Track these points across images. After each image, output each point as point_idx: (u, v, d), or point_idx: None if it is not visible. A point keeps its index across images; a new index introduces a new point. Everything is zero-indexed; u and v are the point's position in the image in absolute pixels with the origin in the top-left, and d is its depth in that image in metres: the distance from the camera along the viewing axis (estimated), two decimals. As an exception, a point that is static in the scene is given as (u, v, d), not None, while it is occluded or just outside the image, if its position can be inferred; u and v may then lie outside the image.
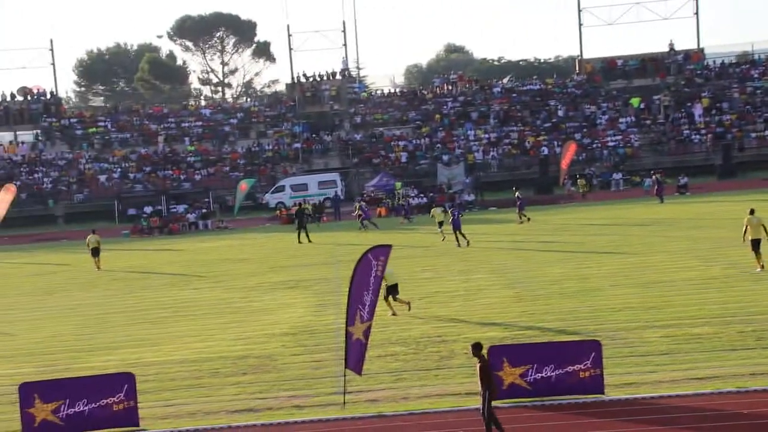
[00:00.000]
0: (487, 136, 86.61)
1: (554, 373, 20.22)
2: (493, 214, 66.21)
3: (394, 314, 30.63)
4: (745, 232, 33.84)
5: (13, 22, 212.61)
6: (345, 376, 21.29)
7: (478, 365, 18.17)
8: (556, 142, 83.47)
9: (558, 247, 44.13)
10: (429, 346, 25.84)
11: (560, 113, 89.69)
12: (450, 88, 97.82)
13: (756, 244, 33.44)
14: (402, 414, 20.10)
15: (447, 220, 49.32)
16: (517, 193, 60.01)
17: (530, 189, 76.46)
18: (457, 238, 47.25)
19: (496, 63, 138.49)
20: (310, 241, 53.82)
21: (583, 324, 27.00)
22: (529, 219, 56.12)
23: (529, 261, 40.45)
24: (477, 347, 18.31)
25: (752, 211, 34.19)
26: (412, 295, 33.68)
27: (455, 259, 42.75)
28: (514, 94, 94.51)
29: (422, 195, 73.86)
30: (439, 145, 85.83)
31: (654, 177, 66.40)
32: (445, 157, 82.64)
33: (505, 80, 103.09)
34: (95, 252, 48.79)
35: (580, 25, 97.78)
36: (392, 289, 31.06)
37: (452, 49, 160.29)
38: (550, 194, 75.06)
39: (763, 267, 33.23)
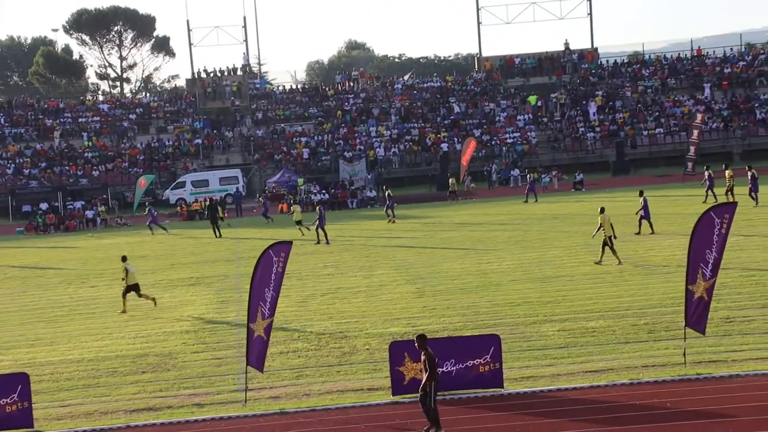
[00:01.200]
0: (388, 132, 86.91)
1: (455, 368, 20.37)
2: (395, 210, 66.29)
3: (124, 311, 32.10)
4: (598, 229, 35.26)
5: None
6: (246, 373, 21.19)
7: (423, 357, 18.19)
8: (456, 139, 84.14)
9: (458, 243, 44.47)
10: (331, 342, 25.83)
11: (460, 110, 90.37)
12: (351, 84, 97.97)
13: (610, 240, 34.75)
14: (304, 410, 20.07)
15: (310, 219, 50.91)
16: (387, 192, 60.07)
17: (430, 186, 77.06)
18: (320, 235, 47.98)
19: (397, 60, 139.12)
20: (220, 235, 53.57)
21: (483, 319, 27.26)
22: (394, 221, 56.16)
23: (430, 257, 40.69)
24: (422, 338, 18.34)
25: (602, 210, 35.68)
26: (314, 291, 33.74)
27: (357, 255, 42.80)
28: (415, 91, 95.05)
29: (325, 191, 73.80)
30: (341, 141, 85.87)
31: (529, 175, 67.92)
32: (347, 154, 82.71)
33: (405, 77, 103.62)
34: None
35: (479, 23, 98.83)
36: (134, 288, 32.64)
37: (353, 46, 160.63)
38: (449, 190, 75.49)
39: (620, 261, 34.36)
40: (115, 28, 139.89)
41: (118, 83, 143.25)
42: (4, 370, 24.03)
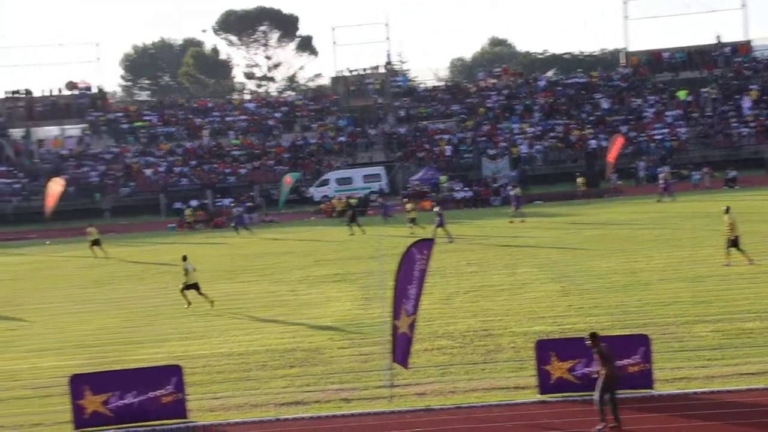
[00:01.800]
0: (532, 129, 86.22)
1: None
2: (538, 207, 65.87)
3: (189, 304, 33.39)
4: (730, 229, 34.36)
5: (61, 18, 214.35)
6: (392, 369, 21.27)
7: (595, 354, 18.24)
8: (601, 136, 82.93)
9: (604, 242, 43.84)
10: (475, 339, 25.75)
11: (605, 106, 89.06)
12: (494, 81, 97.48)
13: (736, 241, 34.09)
14: (449, 408, 20.04)
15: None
16: (515, 191, 59.21)
17: (575, 183, 76.12)
18: (445, 233, 48.00)
19: (540, 56, 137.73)
20: (363, 232, 54.41)
21: (631, 318, 26.79)
22: (523, 220, 55.51)
23: (575, 255, 40.22)
24: (594, 336, 18.43)
25: (728, 209, 34.88)
26: (457, 289, 33.68)
27: (500, 253, 42.59)
28: (559, 88, 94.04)
29: (467, 188, 73.67)
30: (483, 138, 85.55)
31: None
32: (490, 151, 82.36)
33: (549, 73, 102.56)
34: (96, 242, 52.32)
35: (626, 17, 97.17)
36: (194, 286, 33.58)
37: (496, 43, 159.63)
38: (596, 188, 74.44)
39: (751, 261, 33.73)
40: (261, 29, 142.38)
41: (264, 82, 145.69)
42: (159, 363, 24.65)
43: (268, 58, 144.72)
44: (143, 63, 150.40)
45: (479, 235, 50.27)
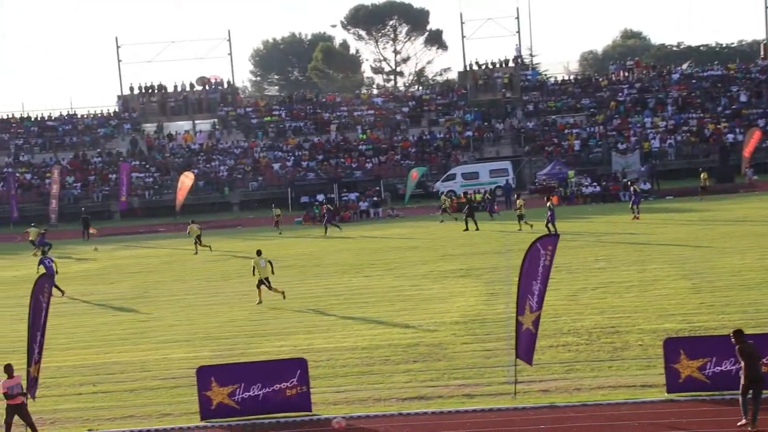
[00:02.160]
0: (664, 123, 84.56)
1: (734, 367, 19.50)
2: (669, 203, 64.68)
3: (260, 302, 34.18)
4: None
5: (192, 14, 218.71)
6: (516, 365, 21.05)
7: (738, 351, 17.95)
8: (737, 130, 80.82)
9: (739, 238, 42.73)
10: (602, 336, 25.34)
11: (743, 99, 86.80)
12: (626, 74, 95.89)
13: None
14: (574, 405, 19.76)
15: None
16: (633, 187, 57.85)
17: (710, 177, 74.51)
18: (549, 230, 47.15)
19: (675, 48, 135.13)
20: (477, 228, 53.95)
21: (765, 317, 25.99)
22: (637, 217, 53.98)
23: (707, 252, 39.30)
24: (738, 333, 18.14)
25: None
26: (584, 285, 33.23)
27: (630, 249, 41.88)
28: (694, 80, 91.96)
29: (596, 184, 72.66)
30: (614, 132, 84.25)
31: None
32: (621, 146, 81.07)
33: (684, 66, 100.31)
34: (198, 239, 53.59)
35: (766, 7, 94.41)
36: (265, 280, 34.42)
37: (629, 35, 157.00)
38: (731, 183, 72.72)
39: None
40: (390, 23, 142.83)
41: (391, 77, 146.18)
42: (285, 356, 24.88)
43: (397, 52, 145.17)
44: (273, 58, 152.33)
45: (608, 231, 49.53)
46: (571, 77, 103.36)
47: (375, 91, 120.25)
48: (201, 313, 33.49)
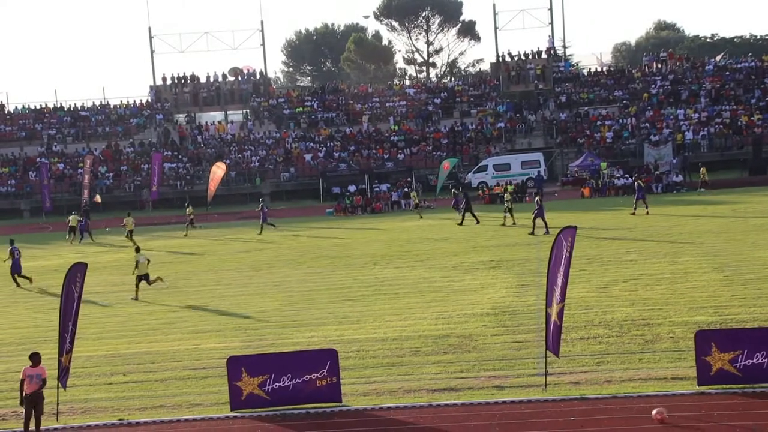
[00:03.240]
0: (697, 115, 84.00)
1: (766, 360, 19.38)
2: (701, 195, 64.27)
3: (135, 298, 35.40)
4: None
5: (225, 5, 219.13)
6: (546, 357, 20.99)
7: None
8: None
9: (771, 230, 42.45)
10: (633, 329, 25.22)
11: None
12: (659, 66, 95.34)
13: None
14: (605, 397, 19.67)
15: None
16: (638, 183, 56.75)
17: (743, 170, 74.03)
18: (535, 225, 47.71)
19: (709, 40, 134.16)
20: (477, 222, 54.52)
21: (798, 310, 25.83)
22: (641, 212, 53.48)
23: (740, 244, 39.02)
24: None
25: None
26: (615, 277, 33.06)
27: (661, 241, 41.66)
28: (728, 72, 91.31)
29: (628, 175, 72.32)
30: (646, 124, 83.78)
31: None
32: (653, 137, 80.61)
33: (718, 58, 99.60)
34: (131, 234, 55.76)
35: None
36: (144, 277, 35.99)
37: (663, 27, 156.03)
38: (764, 175, 72.19)
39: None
40: (423, 14, 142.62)
41: (424, 68, 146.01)
42: (315, 346, 24.93)
43: (430, 43, 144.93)
44: (305, 49, 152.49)
45: (639, 223, 49.27)
46: (604, 69, 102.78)
47: (407, 82, 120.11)
48: (232, 303, 33.58)
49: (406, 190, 74.17)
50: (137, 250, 37.88)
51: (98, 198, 75.13)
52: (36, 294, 38.95)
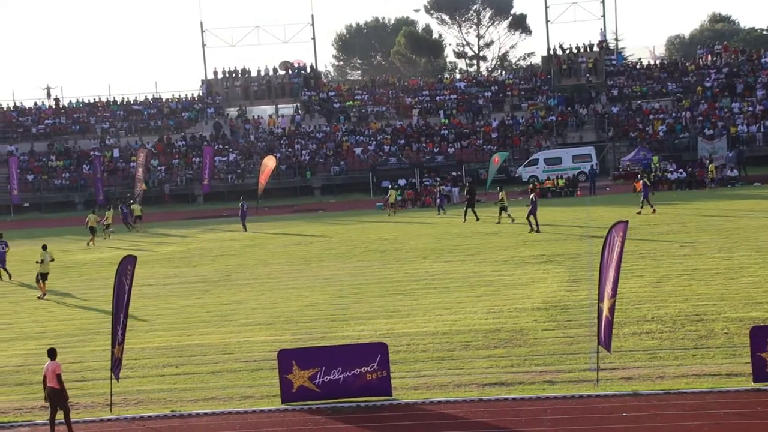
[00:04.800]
0: (752, 108, 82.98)
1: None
2: (757, 189, 63.51)
3: (43, 296, 35.80)
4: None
5: None
6: (598, 352, 20.84)
7: None
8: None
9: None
10: (686, 324, 24.97)
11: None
12: (714, 59, 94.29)
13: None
14: (658, 393, 19.49)
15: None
16: (643, 180, 55.12)
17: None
18: (530, 223, 47.56)
19: (764, 32, 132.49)
20: (477, 219, 54.62)
21: None
22: (644, 211, 52.11)
23: (796, 239, 38.54)
24: None
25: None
26: (668, 272, 32.74)
27: (715, 236, 41.21)
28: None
29: (681, 170, 71.60)
30: (700, 118, 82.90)
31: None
32: (707, 131, 79.75)
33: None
34: (93, 230, 55.42)
35: None
36: (42, 276, 36.09)
37: (717, 19, 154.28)
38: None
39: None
40: (474, 7, 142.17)
41: (474, 61, 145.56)
42: (365, 340, 24.94)
43: (480, 36, 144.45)
44: (356, 42, 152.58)
45: (693, 218, 48.79)
46: (657, 62, 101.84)
47: (457, 76, 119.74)
48: (282, 296, 33.70)
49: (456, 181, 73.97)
50: (44, 248, 38.14)
51: (143, 186, 75.94)
52: (91, 286, 39.30)
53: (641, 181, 54.74)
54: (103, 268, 43.39)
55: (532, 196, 49.09)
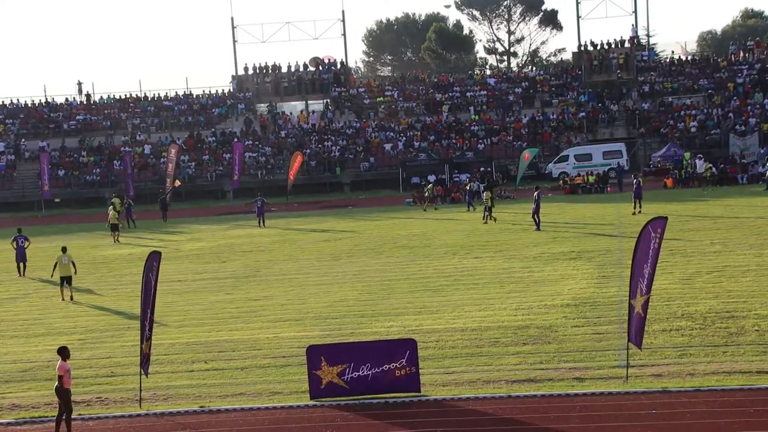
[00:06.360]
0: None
1: None
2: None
3: (63, 299, 35.12)
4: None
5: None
6: (628, 349, 20.76)
7: None
8: None
9: None
10: (717, 321, 24.83)
11: None
12: (746, 55, 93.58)
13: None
14: (688, 390, 19.40)
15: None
16: (536, 193, 50.70)
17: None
18: (535, 221, 47.78)
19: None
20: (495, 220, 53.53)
21: None
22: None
23: (828, 236, 38.22)
24: None
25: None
26: (699, 269, 32.56)
27: (747, 233, 40.96)
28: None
29: (713, 166, 71.12)
30: (732, 114, 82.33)
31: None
32: (739, 127, 79.21)
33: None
34: (115, 227, 55.15)
35: None
36: (66, 279, 35.37)
37: (750, 15, 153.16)
38: None
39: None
40: (505, 3, 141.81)
41: (505, 57, 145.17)
42: (394, 336, 24.95)
43: (511, 32, 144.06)
44: (386, 38, 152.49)
45: (725, 214, 48.52)
46: (689, 58, 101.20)
47: (488, 72, 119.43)
48: (311, 292, 33.74)
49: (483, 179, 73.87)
50: (63, 249, 37.00)
51: (177, 182, 76.17)
52: (120, 282, 39.49)
53: (635, 180, 53.77)
54: (133, 264, 43.57)
55: (535, 194, 48.95)
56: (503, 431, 18.20)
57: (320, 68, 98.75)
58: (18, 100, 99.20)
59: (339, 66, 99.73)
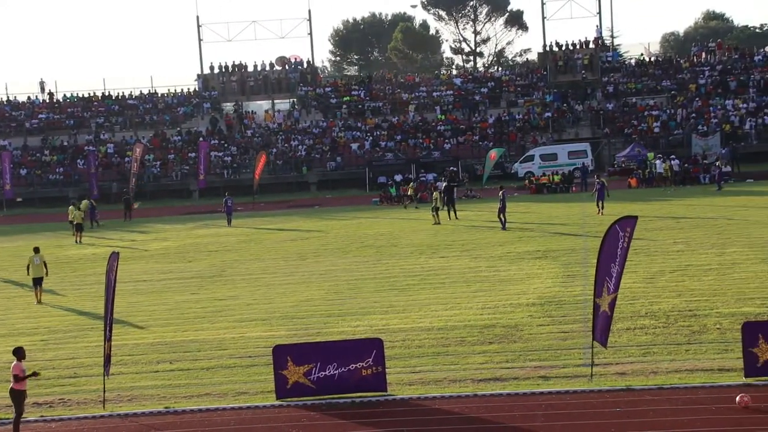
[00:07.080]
0: (745, 105, 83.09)
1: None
2: (750, 186, 63.62)
3: (39, 302, 34.29)
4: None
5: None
6: (593, 348, 20.91)
7: None
8: (821, 112, 79.11)
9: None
10: (680, 320, 25.06)
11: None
12: (708, 56, 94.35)
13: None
14: (651, 388, 19.57)
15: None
16: (501, 192, 51.61)
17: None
18: (500, 221, 48.15)
19: (758, 30, 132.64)
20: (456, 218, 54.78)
21: None
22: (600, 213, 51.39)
23: (789, 235, 38.61)
24: None
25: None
26: (662, 268, 32.83)
27: (709, 232, 41.33)
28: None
29: (672, 165, 71.60)
30: (694, 115, 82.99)
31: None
32: (701, 128, 79.84)
33: (767, 48, 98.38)
34: (80, 227, 54.93)
35: None
36: (38, 280, 34.66)
37: (711, 17, 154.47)
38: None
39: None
40: (471, 3, 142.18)
41: (471, 57, 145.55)
42: (360, 335, 24.99)
43: (477, 33, 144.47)
44: (353, 38, 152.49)
45: (687, 214, 48.92)
46: (652, 59, 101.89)
47: (454, 72, 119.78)
48: (278, 292, 33.71)
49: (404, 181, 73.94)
50: (36, 250, 36.18)
51: (136, 205, 74.78)
52: (84, 282, 39.30)
53: (598, 182, 53.75)
54: (97, 264, 43.33)
55: (501, 193, 49.14)
56: (469, 430, 18.27)
57: (287, 67, 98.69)
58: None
59: (305, 65, 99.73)
